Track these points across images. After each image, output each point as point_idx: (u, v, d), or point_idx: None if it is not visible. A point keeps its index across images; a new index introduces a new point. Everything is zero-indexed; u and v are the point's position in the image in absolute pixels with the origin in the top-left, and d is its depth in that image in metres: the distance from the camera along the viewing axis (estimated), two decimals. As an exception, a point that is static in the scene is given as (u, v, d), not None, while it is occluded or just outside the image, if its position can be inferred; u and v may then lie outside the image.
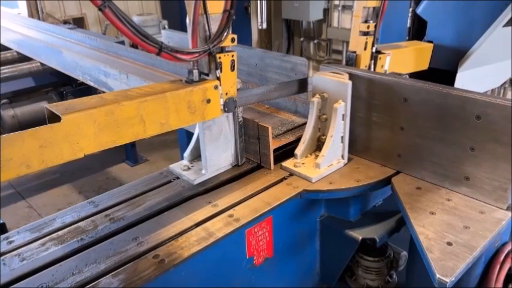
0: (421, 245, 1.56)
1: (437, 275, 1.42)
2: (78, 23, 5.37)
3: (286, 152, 2.24)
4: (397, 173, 2.05)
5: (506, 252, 1.79)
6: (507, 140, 1.65)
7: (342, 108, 2.01)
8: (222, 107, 1.88)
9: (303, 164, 2.09)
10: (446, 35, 3.49)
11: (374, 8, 2.58)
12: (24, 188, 4.98)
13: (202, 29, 1.76)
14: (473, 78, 3.57)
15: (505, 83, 5.05)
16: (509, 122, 1.63)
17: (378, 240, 1.97)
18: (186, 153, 2.17)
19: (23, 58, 4.64)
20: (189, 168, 2.11)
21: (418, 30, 3.83)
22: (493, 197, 1.76)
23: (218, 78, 1.83)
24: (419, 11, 3.69)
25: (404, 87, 1.95)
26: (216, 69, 1.81)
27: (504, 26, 3.24)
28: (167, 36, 3.77)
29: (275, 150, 2.12)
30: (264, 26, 3.62)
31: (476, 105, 1.72)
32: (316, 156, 2.12)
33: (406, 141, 2.00)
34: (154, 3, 6.80)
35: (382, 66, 2.78)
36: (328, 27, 7.36)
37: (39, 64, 4.67)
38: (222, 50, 1.83)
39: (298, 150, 2.13)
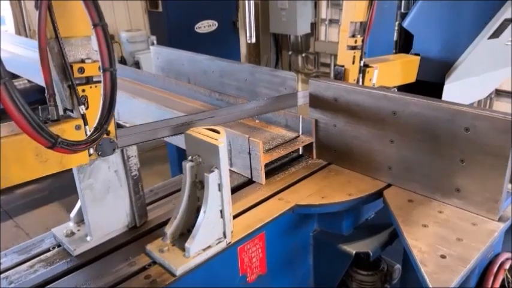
0: (414, 258, 1.55)
1: (432, 289, 1.41)
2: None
3: (275, 168, 2.25)
4: (389, 185, 2.05)
5: (499, 263, 1.79)
6: (496, 152, 1.67)
7: (215, 176, 1.56)
8: (93, 151, 1.56)
9: (173, 246, 1.64)
10: (433, 48, 3.54)
11: (361, 22, 2.62)
12: (12, 207, 4.88)
13: (56, 55, 1.43)
14: (460, 89, 3.61)
15: (491, 93, 5.14)
16: (498, 133, 1.64)
17: (371, 254, 1.97)
18: (73, 214, 1.81)
19: (11, 76, 4.60)
20: (73, 233, 1.75)
21: (404, 43, 3.89)
22: (484, 209, 1.77)
23: (83, 116, 1.48)
24: (405, 24, 3.75)
25: (393, 100, 1.96)
26: (79, 105, 1.47)
27: (489, 38, 3.30)
28: (156, 52, 3.77)
29: (266, 165, 2.11)
30: (253, 40, 3.63)
31: (464, 117, 1.73)
32: None
33: (396, 154, 2.01)
34: (143, 18, 6.81)
35: (371, 80, 2.81)
36: (315, 41, 7.45)
37: (26, 81, 4.64)
38: (88, 80, 1.49)
39: (168, 228, 1.66)
